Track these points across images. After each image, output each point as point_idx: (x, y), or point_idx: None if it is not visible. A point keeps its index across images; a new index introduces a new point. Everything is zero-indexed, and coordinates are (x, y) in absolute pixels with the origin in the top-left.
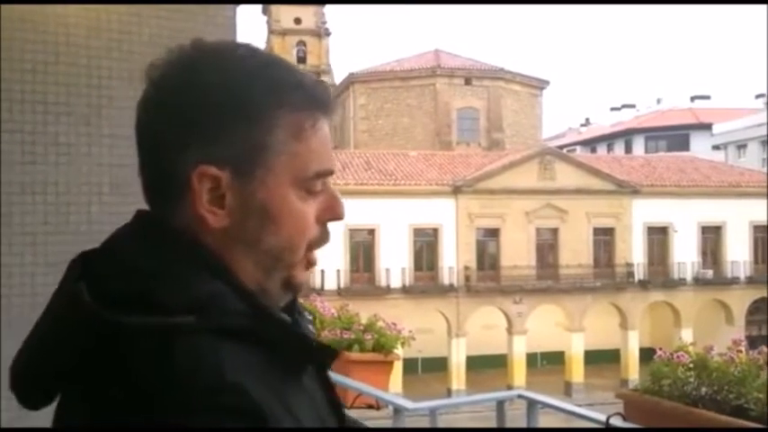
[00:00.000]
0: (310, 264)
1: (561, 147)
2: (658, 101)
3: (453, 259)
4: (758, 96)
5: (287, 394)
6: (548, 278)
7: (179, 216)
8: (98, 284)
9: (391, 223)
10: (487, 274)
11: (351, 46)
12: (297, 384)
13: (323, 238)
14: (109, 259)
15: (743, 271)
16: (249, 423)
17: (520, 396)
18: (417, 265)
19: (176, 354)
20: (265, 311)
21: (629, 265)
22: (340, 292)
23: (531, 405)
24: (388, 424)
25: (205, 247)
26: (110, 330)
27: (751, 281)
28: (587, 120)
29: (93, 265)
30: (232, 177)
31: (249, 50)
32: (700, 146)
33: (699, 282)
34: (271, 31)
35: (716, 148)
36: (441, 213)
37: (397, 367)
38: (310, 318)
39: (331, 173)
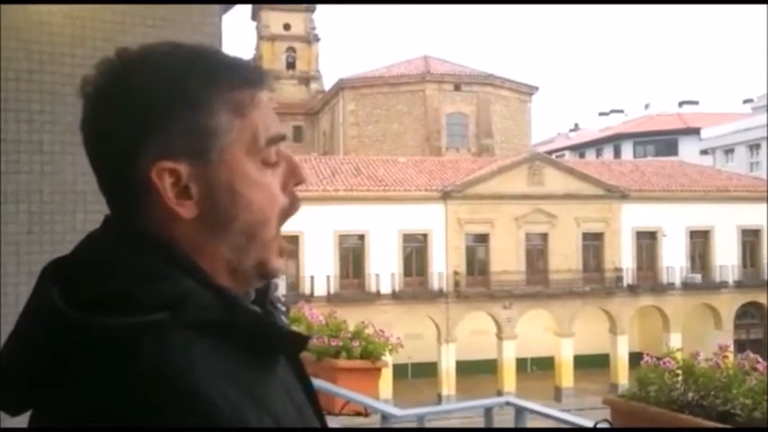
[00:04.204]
0: (282, 251)
1: (550, 152)
2: (647, 106)
3: (443, 265)
4: (746, 101)
5: (260, 385)
6: (537, 283)
7: (145, 216)
8: (71, 288)
9: (381, 229)
10: (477, 280)
11: (340, 52)
12: (271, 374)
13: (293, 205)
14: (81, 263)
15: (731, 275)
16: (204, 424)
17: (508, 403)
18: (407, 271)
19: (145, 352)
20: (235, 303)
21: (618, 269)
22: (330, 299)
23: (519, 412)
24: None
25: (175, 245)
26: (82, 332)
27: (739, 285)
28: (576, 125)
29: (65, 270)
30: (190, 167)
31: (173, 46)
32: (688, 150)
33: (687, 286)
34: (260, 37)
35: (704, 152)
36: (430, 219)
37: (387, 373)
38: (284, 309)
39: (282, 138)
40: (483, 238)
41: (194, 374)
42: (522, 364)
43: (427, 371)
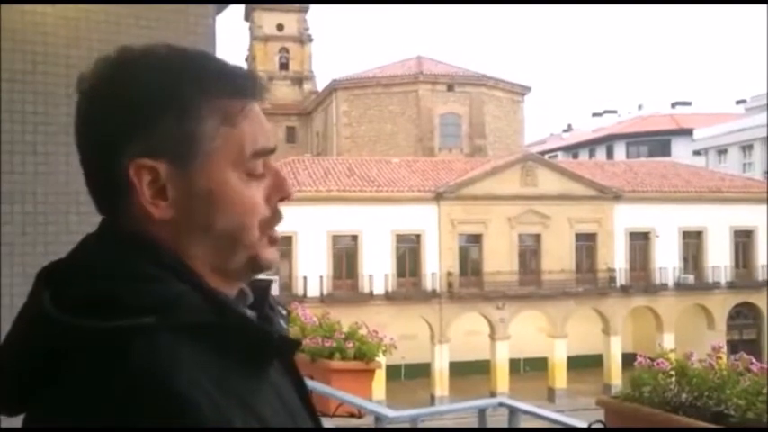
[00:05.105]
0: (273, 241)
1: (543, 152)
2: (639, 107)
3: (436, 265)
4: (738, 102)
5: (249, 388)
6: (530, 284)
7: (126, 213)
8: (63, 291)
9: (374, 229)
10: (470, 280)
11: (333, 52)
12: (261, 378)
13: (275, 217)
14: (73, 266)
15: (724, 276)
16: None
17: (501, 404)
18: (400, 272)
19: (133, 354)
20: (224, 306)
21: (612, 270)
22: (323, 299)
23: (513, 413)
24: None
25: (164, 248)
26: (72, 334)
27: (732, 286)
28: (569, 126)
29: (59, 273)
30: (170, 168)
31: (170, 49)
32: (681, 151)
33: (680, 287)
34: (253, 38)
35: (697, 153)
36: (423, 219)
37: (381, 374)
38: (284, 312)
39: (270, 151)
40: (476, 239)
41: (180, 377)
42: (515, 364)
43: (420, 372)
